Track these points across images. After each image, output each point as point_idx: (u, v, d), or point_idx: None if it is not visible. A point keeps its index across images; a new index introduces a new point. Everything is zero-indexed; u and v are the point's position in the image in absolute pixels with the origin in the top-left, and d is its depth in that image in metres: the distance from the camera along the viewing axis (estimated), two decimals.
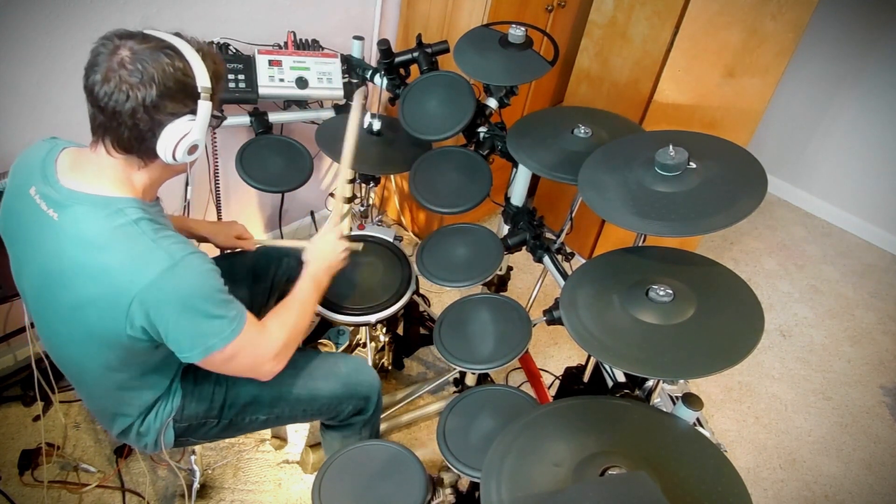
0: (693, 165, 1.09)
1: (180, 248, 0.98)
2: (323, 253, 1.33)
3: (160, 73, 0.92)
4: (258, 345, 1.10)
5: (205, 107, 0.99)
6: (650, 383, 1.17)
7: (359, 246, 1.53)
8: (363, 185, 2.02)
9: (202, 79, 0.97)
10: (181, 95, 0.96)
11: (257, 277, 1.56)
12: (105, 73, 0.91)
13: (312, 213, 2.51)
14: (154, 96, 0.93)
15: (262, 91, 1.72)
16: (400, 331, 1.97)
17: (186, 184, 1.62)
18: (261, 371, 1.14)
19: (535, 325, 1.35)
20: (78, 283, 0.97)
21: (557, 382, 1.62)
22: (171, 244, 0.97)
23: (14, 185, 1.06)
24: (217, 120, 1.10)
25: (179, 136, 0.98)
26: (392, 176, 2.59)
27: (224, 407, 1.26)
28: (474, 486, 1.45)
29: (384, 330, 1.85)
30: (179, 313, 0.97)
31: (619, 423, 1.03)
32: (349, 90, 1.88)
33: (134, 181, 1.02)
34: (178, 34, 0.99)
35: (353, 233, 1.78)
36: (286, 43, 1.85)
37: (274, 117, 1.84)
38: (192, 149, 1.01)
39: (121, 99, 0.91)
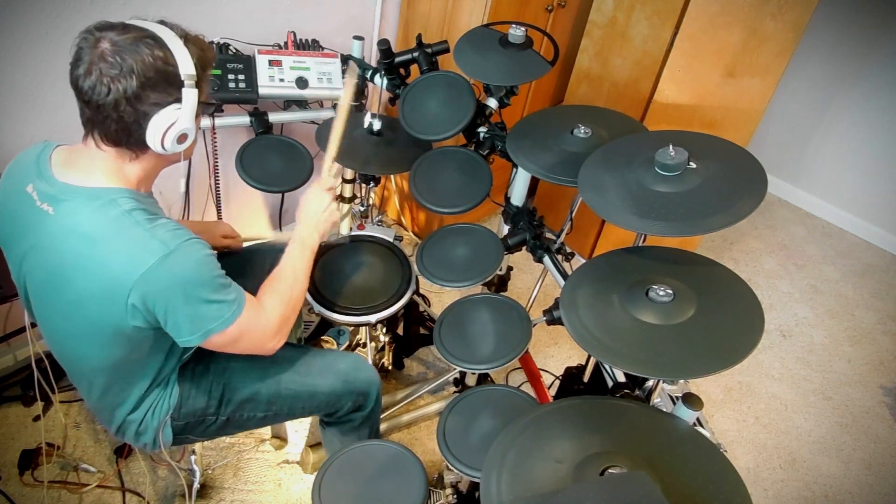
0: (693, 165, 1.09)
1: (175, 236, 0.97)
2: (309, 209, 1.30)
3: (140, 63, 0.91)
4: (257, 326, 1.11)
5: (190, 94, 0.98)
6: (650, 383, 1.17)
7: (346, 239, 1.52)
8: (363, 185, 2.02)
9: (185, 66, 0.96)
10: (163, 85, 0.95)
11: (255, 274, 1.55)
12: (87, 67, 0.91)
13: None
14: (135, 87, 0.92)
15: (262, 91, 1.72)
16: (400, 331, 1.97)
17: (188, 177, 1.60)
18: (264, 349, 1.16)
19: (535, 325, 1.35)
20: (77, 278, 0.97)
21: (557, 382, 1.62)
22: (165, 232, 0.97)
23: (10, 186, 1.06)
24: (210, 107, 1.08)
25: (166, 125, 0.97)
26: (392, 176, 2.59)
27: (222, 403, 1.26)
28: (474, 486, 1.45)
29: (384, 330, 1.85)
30: (177, 300, 0.98)
31: (619, 423, 1.03)
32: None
33: (127, 173, 1.02)
34: (161, 22, 0.98)
35: (352, 233, 1.78)
36: (286, 43, 1.85)
37: (274, 117, 1.84)
38: (182, 137, 1.00)
39: (103, 92, 0.91)
